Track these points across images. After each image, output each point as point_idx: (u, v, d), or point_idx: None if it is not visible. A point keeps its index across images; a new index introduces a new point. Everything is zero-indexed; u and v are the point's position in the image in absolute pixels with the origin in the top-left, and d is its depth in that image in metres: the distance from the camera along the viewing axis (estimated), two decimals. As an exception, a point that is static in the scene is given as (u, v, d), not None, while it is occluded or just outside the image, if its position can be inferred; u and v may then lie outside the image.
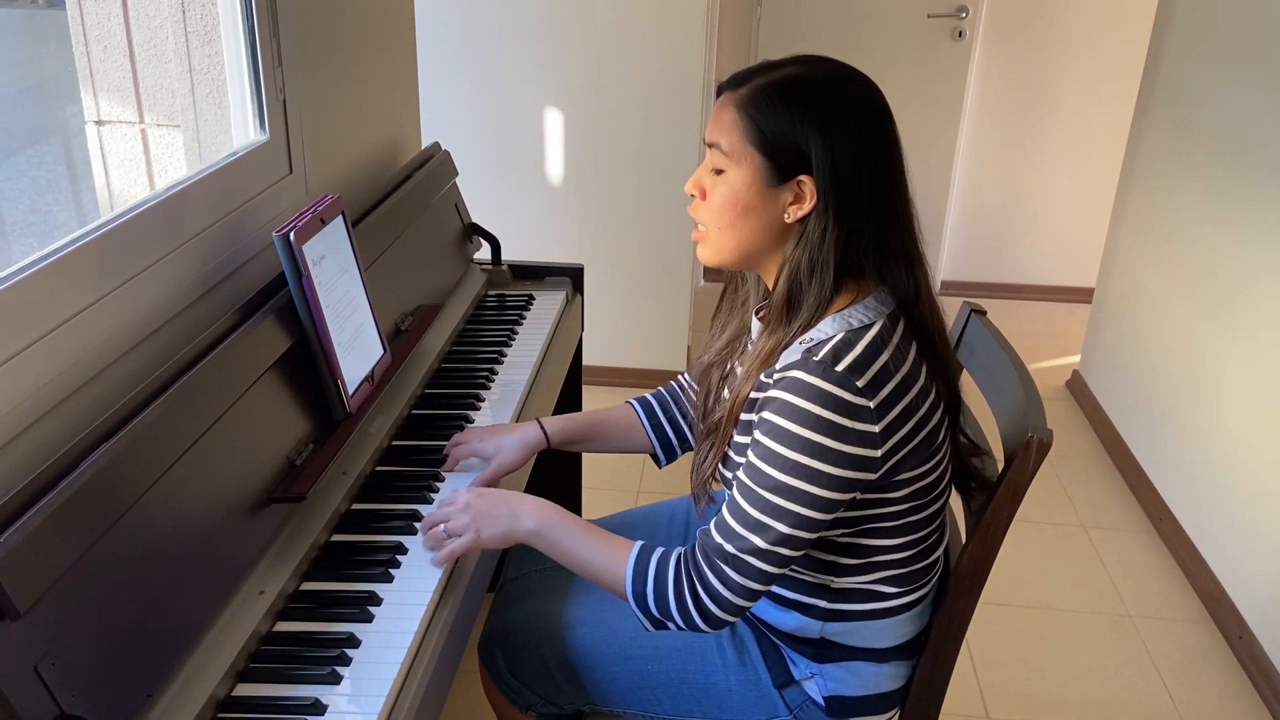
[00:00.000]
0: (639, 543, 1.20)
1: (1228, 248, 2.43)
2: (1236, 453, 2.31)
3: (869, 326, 1.11)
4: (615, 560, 1.19)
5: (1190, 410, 2.55)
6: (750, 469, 1.12)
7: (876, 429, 1.08)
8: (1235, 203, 2.41)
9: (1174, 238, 2.74)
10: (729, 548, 1.12)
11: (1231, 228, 2.42)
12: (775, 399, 1.10)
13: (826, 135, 1.09)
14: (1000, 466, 1.25)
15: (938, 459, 1.18)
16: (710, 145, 1.16)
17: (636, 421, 1.49)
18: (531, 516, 1.24)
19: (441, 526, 1.24)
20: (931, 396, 1.15)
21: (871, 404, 1.08)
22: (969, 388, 1.44)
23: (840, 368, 1.07)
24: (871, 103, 1.13)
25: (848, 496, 1.11)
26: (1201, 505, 2.46)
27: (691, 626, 1.16)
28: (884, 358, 1.10)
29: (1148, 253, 2.91)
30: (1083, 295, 3.98)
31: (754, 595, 1.14)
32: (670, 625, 1.17)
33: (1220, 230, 2.47)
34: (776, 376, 1.11)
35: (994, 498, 1.21)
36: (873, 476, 1.11)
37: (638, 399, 1.51)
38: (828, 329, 1.12)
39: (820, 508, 1.10)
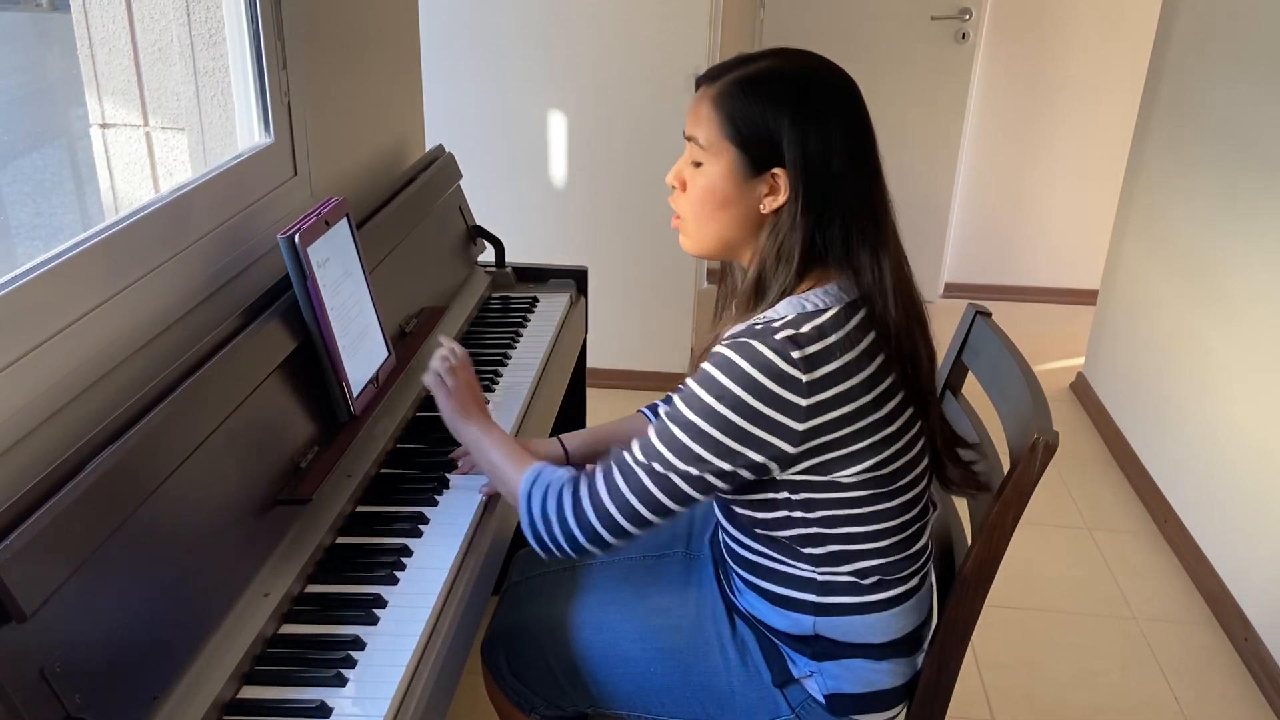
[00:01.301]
0: (545, 463, 1.26)
1: (1232, 249, 2.42)
2: (1241, 454, 2.30)
3: (822, 311, 1.13)
4: (520, 465, 1.26)
5: (1195, 412, 2.54)
6: (669, 405, 1.16)
7: (803, 403, 1.09)
8: (1240, 204, 2.40)
9: (1178, 239, 2.74)
10: (624, 456, 1.17)
11: (1236, 229, 2.41)
12: (714, 352, 1.13)
13: (796, 126, 1.11)
14: (1005, 469, 1.25)
15: (893, 450, 1.17)
16: (689, 139, 1.18)
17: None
18: (477, 420, 1.34)
19: (446, 366, 1.37)
20: (882, 387, 1.14)
21: (804, 378, 1.09)
22: (974, 389, 1.44)
23: (779, 336, 1.09)
24: (841, 92, 1.15)
25: (751, 456, 1.12)
26: (1206, 507, 2.46)
27: (565, 530, 1.18)
28: (829, 340, 1.11)
29: (1152, 254, 2.91)
30: (1087, 297, 3.97)
31: (632, 514, 1.16)
32: (546, 537, 1.20)
33: (1225, 231, 2.47)
34: (724, 341, 1.14)
35: (999, 500, 1.21)
36: (789, 449, 1.12)
37: (648, 406, 1.52)
38: (782, 309, 1.14)
39: (720, 454, 1.11)
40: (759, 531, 1.23)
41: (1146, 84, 3.05)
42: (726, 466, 1.12)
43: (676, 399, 1.15)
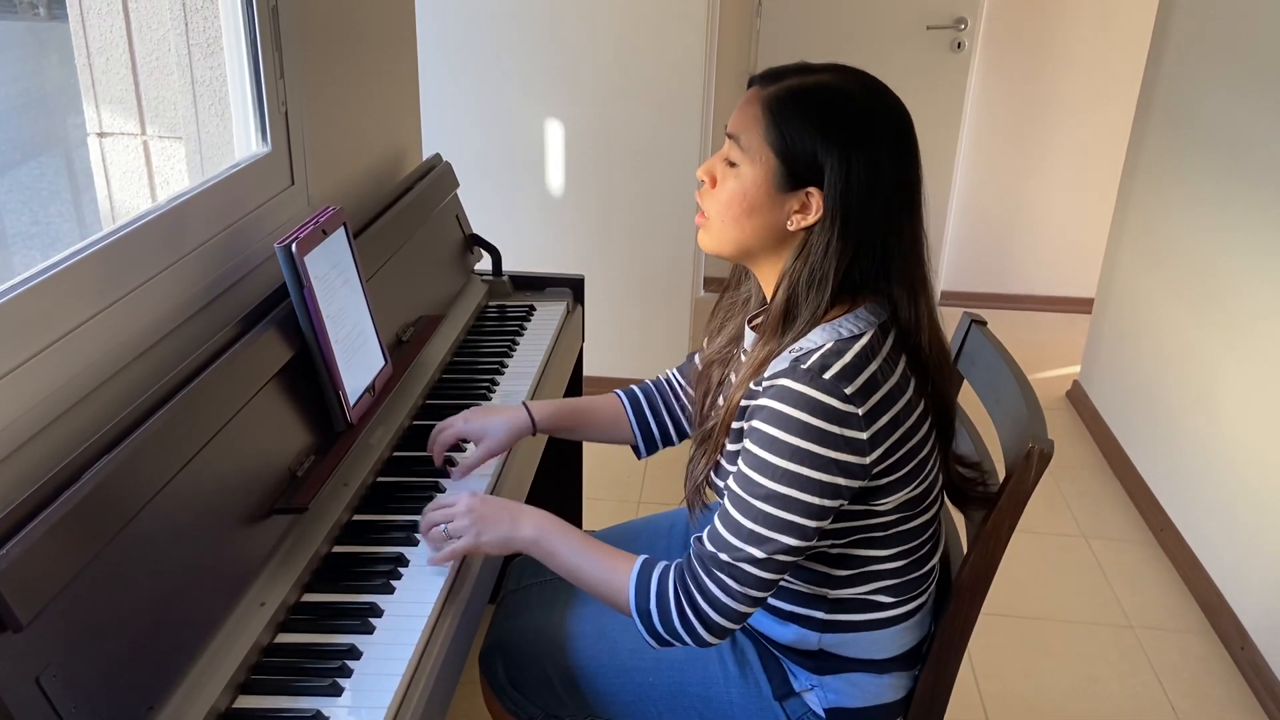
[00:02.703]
0: (642, 557, 1.20)
1: (1228, 258, 2.43)
2: (1237, 462, 2.31)
3: (858, 336, 1.11)
4: (617, 575, 1.19)
5: (1191, 420, 2.55)
6: (741, 478, 1.12)
7: (865, 436, 1.09)
8: (1235, 213, 2.41)
9: (1174, 248, 2.75)
10: (724, 557, 1.12)
11: (1232, 238, 2.42)
12: (764, 407, 1.10)
13: (845, 154, 1.08)
14: (1001, 477, 1.25)
15: (925, 472, 1.18)
16: (730, 136, 1.15)
17: (622, 413, 1.50)
18: (531, 525, 1.23)
19: (442, 526, 1.24)
20: (919, 410, 1.15)
21: (860, 411, 1.08)
22: (969, 398, 1.44)
23: (828, 375, 1.07)
24: (899, 130, 1.12)
25: (837, 504, 1.11)
26: (1202, 515, 2.46)
27: (696, 639, 1.15)
28: (873, 367, 1.10)
29: (1147, 263, 2.92)
30: (1082, 305, 3.98)
31: (756, 601, 1.14)
32: (676, 643, 1.17)
33: (1220, 240, 2.48)
34: (765, 384, 1.11)
35: (995, 508, 1.21)
36: (862, 484, 1.12)
37: (624, 390, 1.51)
38: (817, 338, 1.12)
39: (812, 515, 1.10)
40: None
41: (1141, 93, 3.07)
42: (813, 524, 1.10)
43: (745, 468, 1.11)
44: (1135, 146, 3.08)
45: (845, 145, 1.09)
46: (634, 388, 1.51)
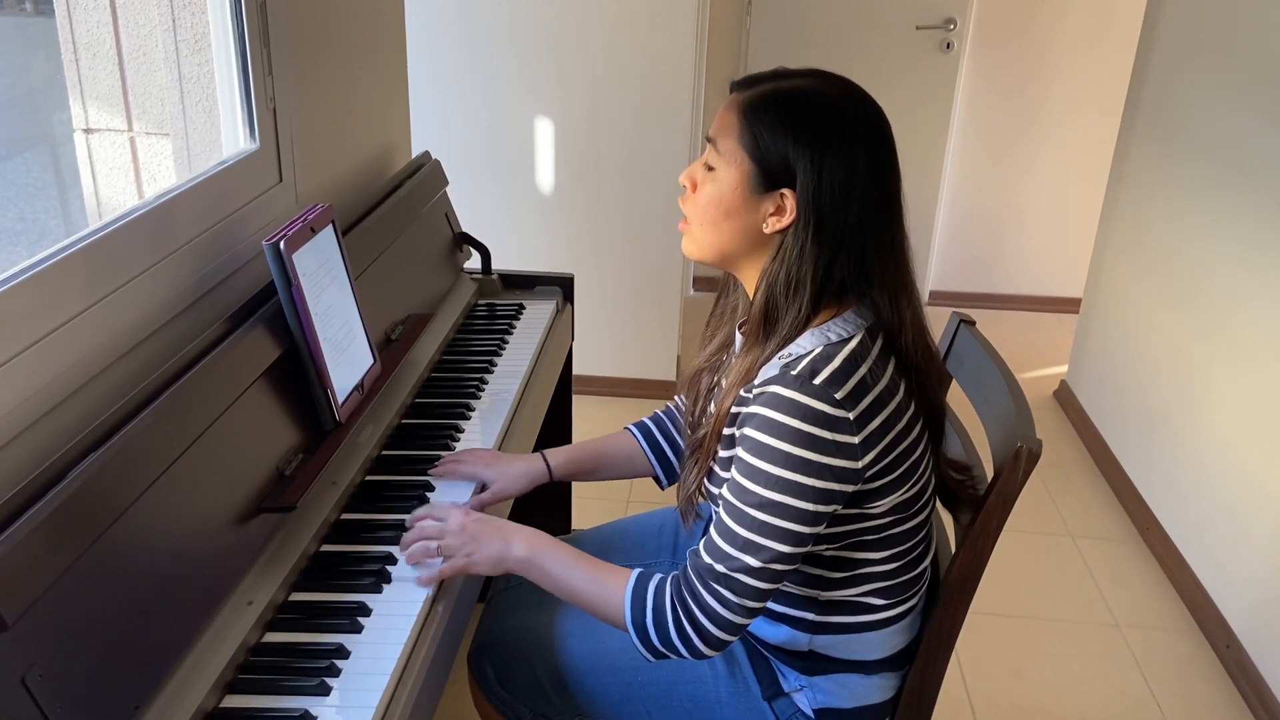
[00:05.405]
0: (637, 570, 1.20)
1: (1214, 259, 2.44)
2: (1223, 462, 2.32)
3: (847, 340, 1.11)
4: (611, 589, 1.18)
5: (1177, 420, 2.56)
6: (734, 486, 1.12)
7: (856, 440, 1.09)
8: (1221, 214, 2.42)
9: (1160, 248, 2.76)
10: (720, 568, 1.12)
11: (1217, 239, 2.43)
12: (755, 415, 1.10)
13: (816, 156, 1.09)
14: (989, 477, 1.25)
15: (917, 474, 1.18)
16: (710, 140, 1.17)
17: (637, 448, 1.50)
18: (523, 544, 1.23)
19: (434, 544, 1.23)
20: (910, 413, 1.15)
21: (851, 415, 1.08)
22: (958, 398, 1.45)
23: (818, 381, 1.08)
24: (873, 131, 1.13)
25: (831, 509, 1.11)
26: (1188, 515, 2.47)
27: (694, 653, 1.15)
28: (862, 371, 1.10)
29: (1134, 263, 2.93)
30: (1070, 305, 4.00)
31: (753, 612, 1.14)
32: (672, 655, 1.17)
33: (1206, 241, 2.49)
34: (756, 391, 1.12)
35: (983, 508, 1.22)
36: (855, 488, 1.12)
37: (636, 424, 1.51)
38: (806, 343, 1.12)
39: (807, 521, 1.10)
40: None
41: (1129, 94, 3.08)
42: (808, 530, 1.10)
43: (738, 476, 1.11)
44: (1123, 147, 3.09)
45: (816, 147, 1.09)
46: (644, 420, 1.52)
